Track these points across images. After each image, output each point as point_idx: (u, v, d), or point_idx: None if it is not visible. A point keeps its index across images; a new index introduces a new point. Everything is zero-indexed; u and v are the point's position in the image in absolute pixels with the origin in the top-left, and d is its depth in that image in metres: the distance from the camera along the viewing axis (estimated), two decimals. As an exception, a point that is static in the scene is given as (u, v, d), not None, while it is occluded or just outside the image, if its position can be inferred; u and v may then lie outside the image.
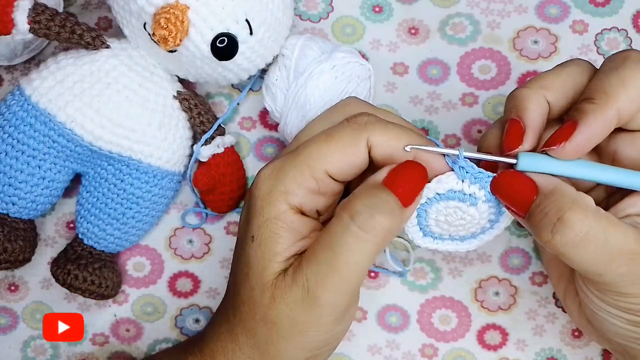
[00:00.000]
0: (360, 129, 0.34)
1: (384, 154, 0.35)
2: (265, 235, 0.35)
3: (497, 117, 0.46)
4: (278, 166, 0.35)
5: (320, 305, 0.33)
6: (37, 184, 0.42)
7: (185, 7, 0.38)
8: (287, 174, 0.35)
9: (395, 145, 0.34)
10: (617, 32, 0.46)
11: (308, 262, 0.34)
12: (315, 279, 0.33)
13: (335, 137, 0.35)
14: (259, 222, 0.35)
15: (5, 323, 0.47)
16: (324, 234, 0.34)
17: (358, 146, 0.34)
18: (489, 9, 0.46)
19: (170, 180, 0.44)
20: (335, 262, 0.33)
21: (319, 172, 0.34)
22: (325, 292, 0.33)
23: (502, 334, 0.45)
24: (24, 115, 0.41)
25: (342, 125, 0.35)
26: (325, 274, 0.33)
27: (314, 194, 0.35)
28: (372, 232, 0.33)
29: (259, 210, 0.35)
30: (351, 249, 0.33)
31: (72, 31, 0.41)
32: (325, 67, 0.42)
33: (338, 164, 0.34)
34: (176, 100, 0.43)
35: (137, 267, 0.46)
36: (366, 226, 0.32)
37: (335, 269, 0.33)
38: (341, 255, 0.33)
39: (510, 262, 0.45)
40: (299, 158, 0.35)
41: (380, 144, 0.34)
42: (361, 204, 0.33)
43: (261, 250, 0.35)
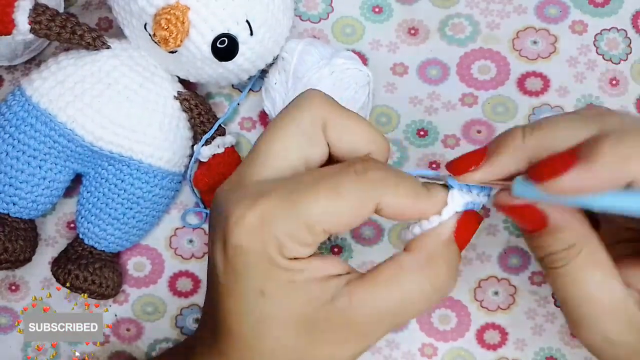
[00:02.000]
0: (371, 188, 0.31)
1: (391, 214, 0.32)
2: (277, 289, 0.31)
3: (497, 117, 0.46)
4: (268, 213, 0.31)
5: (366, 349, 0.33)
6: (38, 184, 0.42)
7: (185, 7, 0.38)
8: (281, 228, 0.30)
9: (405, 205, 0.32)
10: (617, 32, 0.46)
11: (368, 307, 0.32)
12: (372, 326, 0.32)
13: (343, 196, 0.31)
14: (263, 278, 0.31)
15: (6, 323, 0.47)
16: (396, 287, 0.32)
17: (368, 208, 0.31)
18: (488, 9, 0.46)
19: (170, 181, 0.44)
20: (398, 318, 0.33)
21: (317, 229, 0.31)
22: (376, 336, 0.33)
23: (501, 333, 0.45)
24: (24, 116, 0.41)
25: (349, 181, 0.31)
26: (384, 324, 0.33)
27: (307, 246, 0.32)
28: (445, 294, 0.33)
29: (256, 266, 0.31)
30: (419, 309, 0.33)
31: (73, 32, 0.41)
32: (324, 73, 0.42)
33: (340, 224, 0.31)
34: (177, 100, 0.43)
35: (137, 266, 0.46)
36: (445, 293, 0.33)
37: (395, 323, 0.33)
38: (407, 313, 0.33)
39: (510, 261, 0.45)
40: (296, 212, 0.30)
41: (391, 206, 0.32)
42: (444, 274, 0.33)
43: (278, 303, 0.31)
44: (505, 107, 0.46)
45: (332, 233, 0.32)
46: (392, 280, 0.32)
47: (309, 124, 0.33)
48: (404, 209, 0.32)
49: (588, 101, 0.46)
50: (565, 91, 0.46)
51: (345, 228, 0.32)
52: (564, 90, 0.46)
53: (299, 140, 0.33)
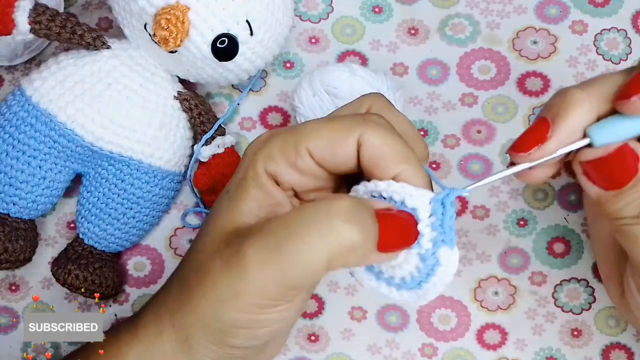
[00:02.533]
0: (357, 123, 0.32)
1: (369, 158, 0.32)
2: (236, 190, 0.34)
3: (497, 117, 0.46)
4: (272, 132, 0.34)
5: (243, 280, 0.31)
6: (38, 184, 0.42)
7: (185, 7, 0.38)
8: (275, 140, 0.33)
9: (386, 154, 0.32)
10: (617, 32, 0.46)
11: (256, 229, 0.32)
12: (250, 251, 0.31)
13: (332, 121, 0.33)
14: (237, 178, 0.34)
15: (6, 323, 0.47)
16: (290, 213, 0.31)
17: (347, 138, 0.32)
18: (488, 9, 0.46)
19: (170, 181, 0.44)
20: (281, 245, 0.30)
21: (301, 147, 0.32)
22: (252, 270, 0.31)
23: (501, 333, 0.45)
24: (24, 116, 0.41)
25: (345, 115, 0.34)
26: (263, 251, 0.31)
27: (291, 168, 0.33)
28: (336, 235, 0.30)
29: (240, 168, 0.34)
30: (305, 239, 0.30)
31: (73, 32, 0.41)
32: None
33: (321, 147, 0.32)
34: (177, 100, 0.43)
35: (137, 266, 0.47)
36: (336, 229, 0.29)
37: (277, 252, 0.30)
38: (291, 240, 0.30)
39: (510, 261, 0.45)
40: (291, 130, 0.33)
41: (370, 146, 0.32)
42: (348, 204, 0.30)
43: (228, 204, 0.34)
44: (505, 107, 0.46)
45: (315, 158, 0.32)
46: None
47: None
48: (381, 157, 0.32)
49: (588, 101, 0.46)
50: (565, 91, 0.46)
51: (327, 155, 0.32)
52: (564, 90, 0.46)
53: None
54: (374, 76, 0.43)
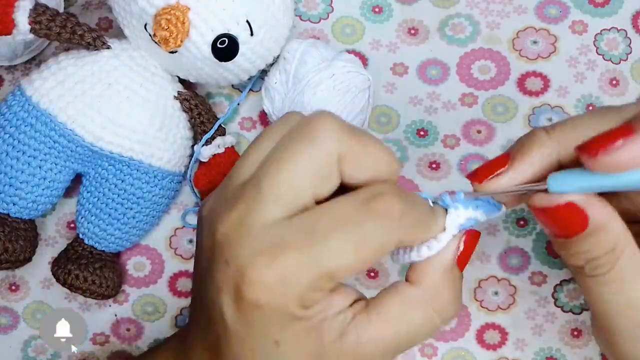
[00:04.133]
0: (395, 231, 0.30)
1: (408, 243, 0.32)
2: (292, 338, 0.31)
3: (497, 117, 0.46)
4: (288, 272, 0.29)
5: None
6: (38, 184, 0.42)
7: (186, 8, 0.38)
8: (304, 284, 0.29)
9: (418, 238, 0.32)
10: (617, 32, 0.46)
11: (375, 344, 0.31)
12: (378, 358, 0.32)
13: (369, 246, 0.29)
14: (279, 329, 0.30)
15: (6, 323, 0.47)
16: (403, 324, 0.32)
17: (390, 249, 0.30)
18: (488, 9, 0.46)
19: (170, 181, 0.44)
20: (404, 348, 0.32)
21: (340, 277, 0.30)
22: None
23: (501, 333, 0.45)
24: (24, 116, 0.41)
25: (374, 225, 0.29)
26: (391, 355, 0.32)
27: (323, 292, 0.31)
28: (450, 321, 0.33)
29: (273, 319, 0.30)
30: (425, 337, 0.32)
31: (73, 32, 0.41)
32: (324, 75, 0.42)
33: (363, 268, 0.32)
34: (177, 100, 0.43)
35: (137, 266, 0.47)
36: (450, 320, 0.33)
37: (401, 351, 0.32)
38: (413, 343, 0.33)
39: (510, 261, 0.45)
40: (319, 269, 0.29)
41: (409, 239, 0.32)
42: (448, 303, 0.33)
43: (292, 350, 0.31)
44: (505, 107, 0.46)
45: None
46: (399, 316, 0.32)
47: (323, 160, 0.30)
48: (419, 237, 0.32)
49: (588, 101, 0.46)
50: (565, 91, 0.46)
51: (366, 268, 0.32)
52: (564, 91, 0.46)
53: (311, 178, 0.30)
54: (330, 51, 0.43)
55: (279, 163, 0.30)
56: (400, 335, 0.32)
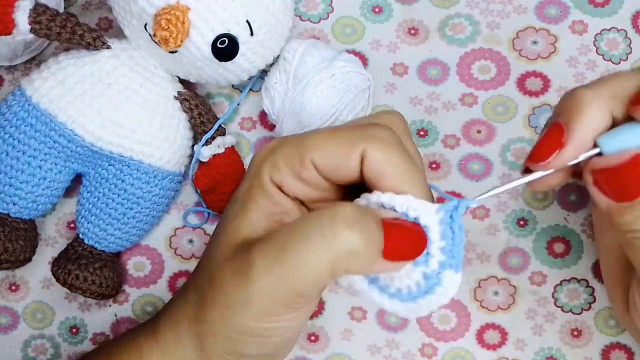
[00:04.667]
0: (362, 137, 0.32)
1: (372, 174, 0.32)
2: (244, 200, 0.34)
3: (497, 117, 0.46)
4: (278, 142, 0.34)
5: (250, 288, 0.31)
6: (38, 184, 0.42)
7: (186, 8, 0.38)
8: (281, 150, 0.33)
9: (388, 172, 0.31)
10: (617, 32, 0.46)
11: (263, 238, 0.32)
12: (257, 259, 0.31)
13: (336, 134, 0.33)
14: (244, 188, 0.34)
15: (6, 323, 0.47)
16: (296, 220, 0.32)
17: (351, 152, 0.32)
18: (488, 9, 0.46)
19: (170, 181, 0.44)
20: (286, 252, 0.30)
21: (306, 159, 0.32)
22: (258, 277, 0.31)
23: (501, 333, 0.45)
24: (24, 116, 0.41)
25: (352, 126, 0.33)
26: (269, 258, 0.31)
27: (296, 179, 0.33)
28: (338, 240, 0.29)
29: (247, 176, 0.35)
30: (308, 245, 0.30)
31: (73, 32, 0.41)
32: (324, 75, 0.42)
33: (325, 159, 0.32)
34: (177, 100, 0.43)
35: (137, 266, 0.46)
36: (338, 234, 0.29)
37: (282, 259, 0.30)
38: (294, 246, 0.30)
39: (510, 261, 0.45)
40: (296, 140, 0.33)
41: (373, 159, 0.31)
42: (351, 210, 0.30)
43: (236, 213, 0.34)
44: (505, 107, 0.46)
45: (320, 170, 0.33)
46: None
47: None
48: (383, 173, 0.31)
49: (588, 101, 0.46)
50: (565, 91, 0.46)
51: (331, 167, 0.32)
52: (564, 91, 0.46)
53: None
54: (330, 51, 0.43)
55: None
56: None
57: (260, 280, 0.31)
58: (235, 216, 0.34)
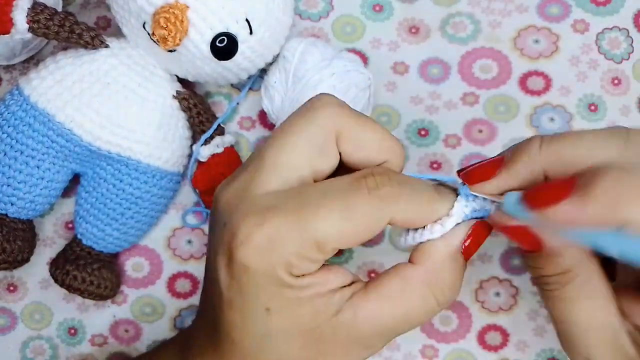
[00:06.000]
0: (384, 206, 0.30)
1: (404, 225, 0.32)
2: (283, 306, 0.31)
3: (499, 116, 0.46)
4: (276, 232, 0.30)
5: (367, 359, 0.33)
6: (36, 184, 0.42)
7: (184, 6, 0.38)
8: (291, 247, 0.30)
9: (417, 218, 0.32)
10: (618, 31, 0.46)
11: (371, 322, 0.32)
12: (374, 339, 0.32)
13: (355, 215, 0.30)
14: (269, 295, 0.31)
15: (4, 323, 0.46)
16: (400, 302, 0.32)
17: (378, 226, 0.31)
18: (489, 8, 0.46)
19: (169, 181, 0.44)
20: (400, 331, 0.32)
21: (328, 248, 0.30)
22: (377, 347, 0.33)
23: (502, 334, 0.45)
24: (22, 115, 0.41)
25: (362, 198, 0.30)
26: (386, 337, 0.33)
27: (316, 262, 0.31)
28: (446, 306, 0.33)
29: (263, 284, 0.30)
30: (421, 321, 0.33)
31: (71, 30, 0.41)
32: (324, 74, 0.41)
33: (351, 242, 0.31)
34: (175, 100, 0.43)
35: (135, 267, 0.46)
36: (446, 305, 0.33)
37: (396, 334, 0.33)
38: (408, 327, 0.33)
39: (511, 262, 0.45)
40: (306, 232, 0.30)
41: (404, 219, 0.31)
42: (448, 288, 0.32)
43: (284, 319, 0.31)
44: (507, 106, 0.46)
45: (344, 247, 0.31)
46: (397, 295, 0.32)
47: (321, 135, 0.32)
48: (416, 220, 0.32)
49: (590, 101, 0.46)
50: (567, 90, 0.46)
51: (356, 244, 0.31)
52: (565, 90, 0.46)
53: (309, 152, 0.32)
54: (330, 50, 0.43)
55: (279, 137, 0.32)
56: (397, 315, 0.32)
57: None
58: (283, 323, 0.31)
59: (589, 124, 0.45)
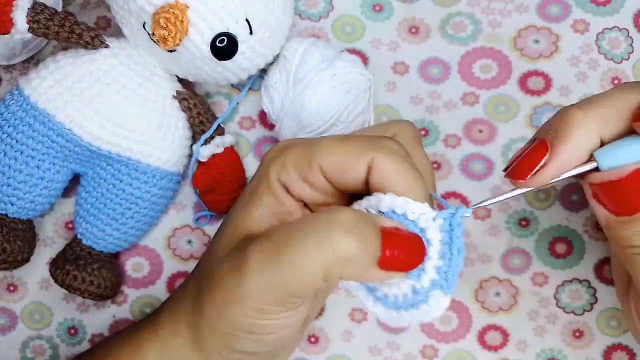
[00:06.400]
0: (371, 146, 0.32)
1: (378, 182, 0.32)
2: (250, 197, 0.34)
3: (499, 116, 0.46)
4: (289, 144, 0.34)
5: (244, 284, 0.31)
6: (36, 184, 0.42)
7: (184, 6, 0.38)
8: (290, 151, 0.34)
9: (394, 182, 0.32)
10: (618, 31, 0.46)
11: (261, 236, 0.32)
12: (252, 255, 0.31)
13: (346, 141, 0.33)
14: (251, 185, 0.35)
15: (4, 324, 0.46)
16: (294, 221, 0.32)
17: (359, 160, 0.32)
18: (489, 8, 0.46)
19: (169, 181, 0.44)
20: (280, 252, 0.30)
21: (314, 162, 0.33)
22: (252, 274, 0.31)
23: (502, 334, 0.45)
24: (22, 115, 0.41)
25: (361, 137, 0.33)
26: (264, 256, 0.31)
27: (303, 181, 0.33)
28: (333, 246, 0.29)
29: (255, 175, 0.35)
30: (302, 248, 0.30)
31: (71, 30, 0.41)
32: (324, 76, 0.41)
33: (332, 165, 0.33)
34: (175, 100, 0.43)
35: (136, 267, 0.46)
36: (334, 240, 0.29)
37: (276, 259, 0.30)
38: (289, 247, 0.30)
39: (511, 262, 0.45)
40: (306, 143, 0.34)
41: (381, 169, 0.32)
42: (349, 217, 0.30)
43: (241, 209, 0.35)
44: (506, 106, 0.46)
45: (328, 177, 0.33)
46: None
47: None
48: (390, 182, 0.32)
49: (590, 101, 0.46)
50: (567, 90, 0.46)
51: (338, 173, 0.33)
52: (565, 90, 0.46)
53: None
54: (331, 50, 0.43)
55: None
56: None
57: (253, 278, 0.31)
58: (239, 212, 0.35)
59: (589, 124, 0.45)
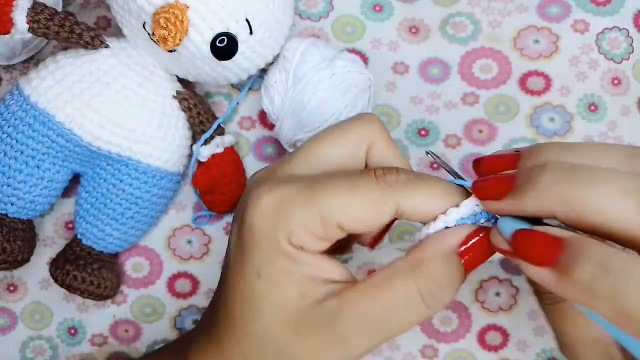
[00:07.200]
0: (389, 191, 0.31)
1: (415, 217, 0.31)
2: (274, 273, 0.31)
3: (499, 116, 0.46)
4: (285, 199, 0.31)
5: (351, 356, 0.31)
6: (36, 184, 0.42)
7: (184, 6, 0.38)
8: (295, 215, 0.31)
9: (427, 207, 0.31)
10: (618, 31, 0.46)
11: (354, 311, 0.31)
12: (356, 331, 0.31)
13: (360, 193, 0.31)
14: (264, 259, 0.31)
15: (4, 324, 0.46)
16: (383, 290, 0.31)
17: (384, 210, 0.31)
18: (489, 8, 0.46)
19: (169, 181, 0.44)
20: (385, 326, 0.31)
21: (331, 223, 0.31)
22: (361, 343, 0.31)
23: (502, 334, 0.45)
24: (22, 115, 0.41)
25: (369, 181, 0.31)
26: (369, 331, 0.31)
27: (318, 240, 0.31)
28: (435, 308, 0.31)
29: (261, 245, 0.31)
30: (407, 319, 0.31)
31: (71, 30, 0.41)
32: (324, 75, 0.41)
33: (356, 222, 0.31)
34: (175, 100, 0.43)
35: (135, 267, 0.46)
36: (435, 306, 0.31)
37: (382, 332, 0.31)
38: (393, 322, 0.31)
39: (511, 262, 0.45)
40: (312, 202, 0.31)
41: (412, 208, 0.31)
42: (435, 283, 0.30)
43: (272, 288, 0.31)
44: (506, 106, 0.46)
45: (348, 231, 0.31)
46: (382, 283, 0.31)
47: (355, 142, 0.34)
48: (424, 211, 0.31)
49: (590, 101, 0.46)
50: (567, 90, 0.46)
51: (362, 227, 0.31)
52: (565, 90, 0.46)
53: (340, 152, 0.34)
54: (330, 50, 0.43)
55: (320, 135, 0.34)
56: (378, 306, 0.31)
57: (359, 345, 0.31)
58: (270, 292, 0.32)
59: (589, 124, 0.46)
